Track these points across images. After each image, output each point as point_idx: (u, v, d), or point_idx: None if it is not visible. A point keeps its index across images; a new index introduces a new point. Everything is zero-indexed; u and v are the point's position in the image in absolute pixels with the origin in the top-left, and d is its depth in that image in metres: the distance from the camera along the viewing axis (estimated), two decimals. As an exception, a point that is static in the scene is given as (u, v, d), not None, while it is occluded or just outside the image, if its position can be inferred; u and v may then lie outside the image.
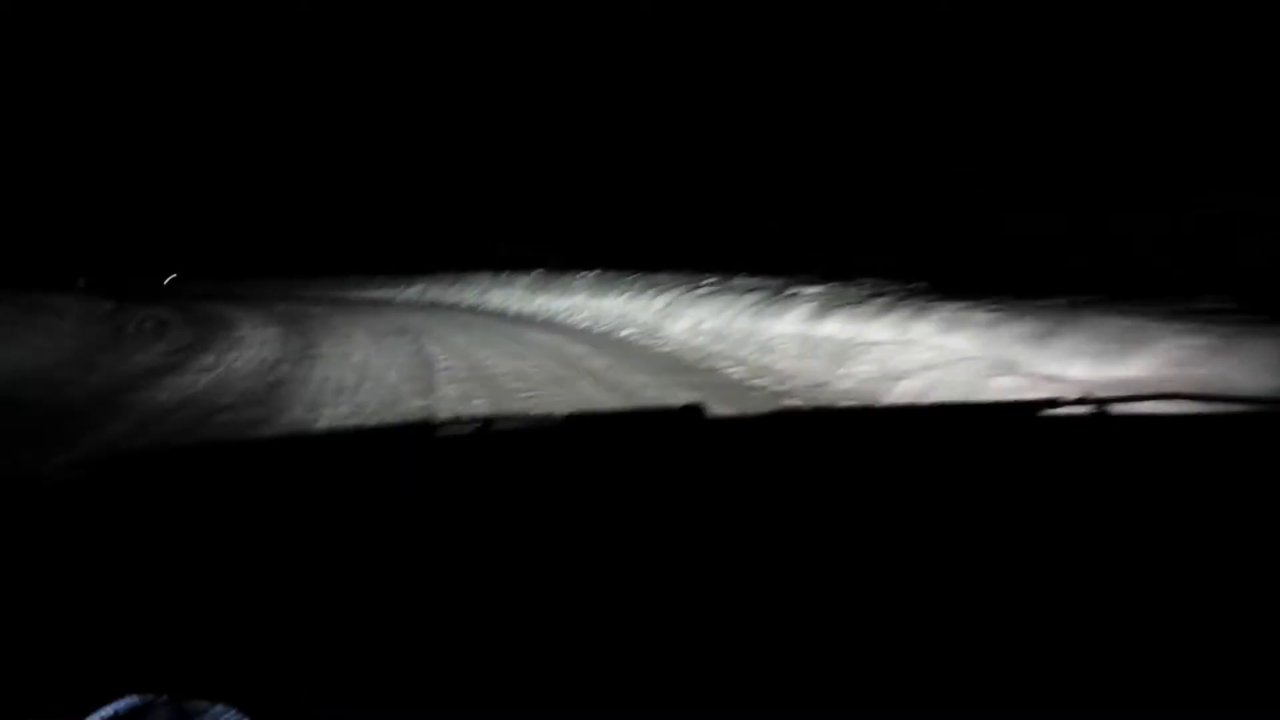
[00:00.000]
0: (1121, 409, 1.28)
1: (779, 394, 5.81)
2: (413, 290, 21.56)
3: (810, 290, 8.08)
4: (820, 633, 0.68)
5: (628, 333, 10.26)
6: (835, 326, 6.86)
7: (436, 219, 27.18)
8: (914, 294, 6.83)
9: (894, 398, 5.22)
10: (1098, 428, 1.26)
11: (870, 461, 1.14)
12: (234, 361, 8.27)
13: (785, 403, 5.42)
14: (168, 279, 33.05)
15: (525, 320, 13.07)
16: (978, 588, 0.74)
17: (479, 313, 15.18)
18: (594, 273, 14.87)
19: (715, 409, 1.40)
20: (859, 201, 14.45)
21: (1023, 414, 1.35)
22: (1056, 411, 1.28)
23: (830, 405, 4.93)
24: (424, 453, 1.28)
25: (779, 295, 8.37)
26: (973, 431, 1.29)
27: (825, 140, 15.42)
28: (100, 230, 34.42)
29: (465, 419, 1.41)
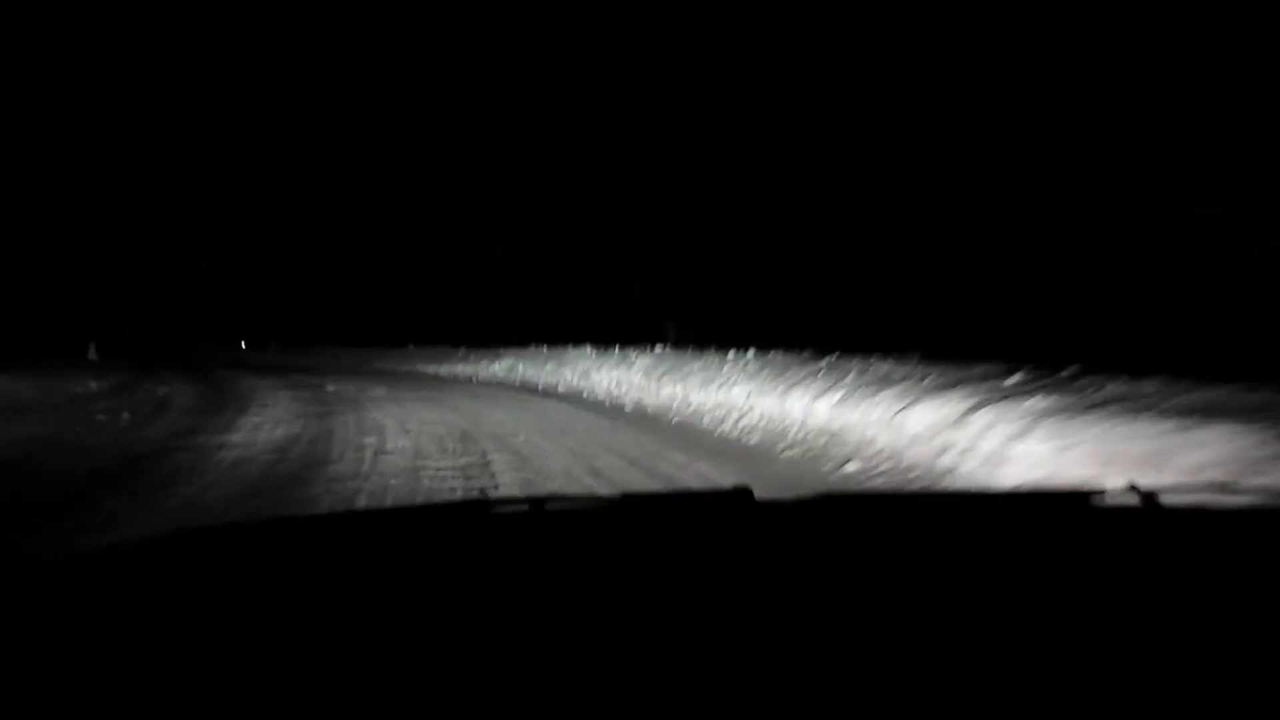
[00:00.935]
0: (1172, 500, 1.31)
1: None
2: (499, 366, 17.76)
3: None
4: None
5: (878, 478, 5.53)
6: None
7: (526, 282, 25.81)
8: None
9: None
10: (1148, 519, 1.29)
11: (918, 550, 1.15)
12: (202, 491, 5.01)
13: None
14: (243, 344, 32.94)
15: (660, 427, 8.17)
16: (1029, 685, 0.74)
17: (584, 405, 10.56)
18: (751, 354, 10.72)
19: (763, 492, 1.38)
20: (858, 201, 14.51)
21: (1073, 504, 1.37)
22: (1106, 502, 1.30)
23: (883, 490, 5.04)
24: (480, 531, 1.32)
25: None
26: (1021, 520, 1.32)
27: (826, 140, 15.37)
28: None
29: (519, 498, 1.46)
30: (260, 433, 7.49)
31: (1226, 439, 3.95)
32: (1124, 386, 5.32)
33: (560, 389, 13.29)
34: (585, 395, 11.91)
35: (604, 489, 5.01)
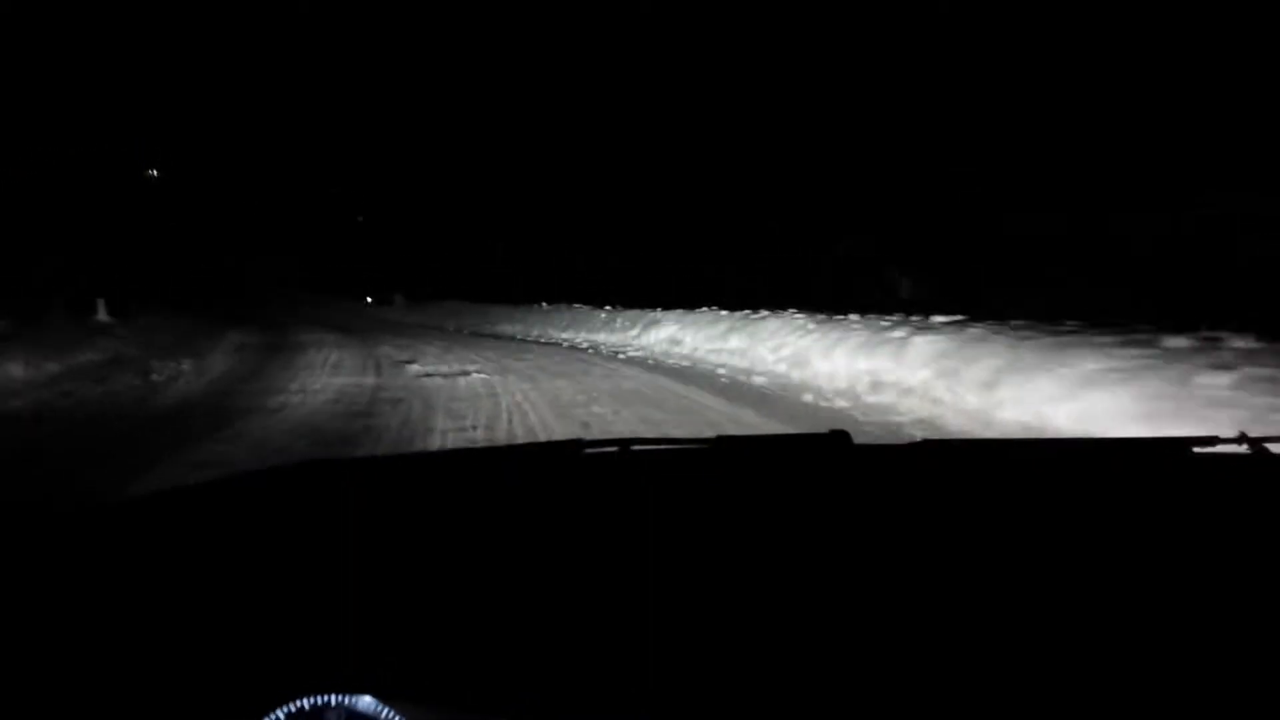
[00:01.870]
0: None
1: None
2: (656, 336, 14.07)
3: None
4: (967, 666, 0.67)
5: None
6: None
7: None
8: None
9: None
10: (1255, 467, 1.22)
11: (1021, 496, 1.11)
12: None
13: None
14: (368, 299, 32.14)
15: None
16: (1125, 628, 0.73)
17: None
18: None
19: (860, 438, 1.32)
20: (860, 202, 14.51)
21: (1176, 450, 1.28)
22: (1212, 449, 1.23)
23: (979, 436, 4.81)
24: (574, 469, 1.29)
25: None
26: (1123, 466, 1.25)
27: (825, 140, 15.07)
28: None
29: (610, 439, 1.36)
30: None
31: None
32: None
33: (781, 384, 8.27)
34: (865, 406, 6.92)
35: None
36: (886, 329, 8.28)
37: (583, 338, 14.90)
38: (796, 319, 10.56)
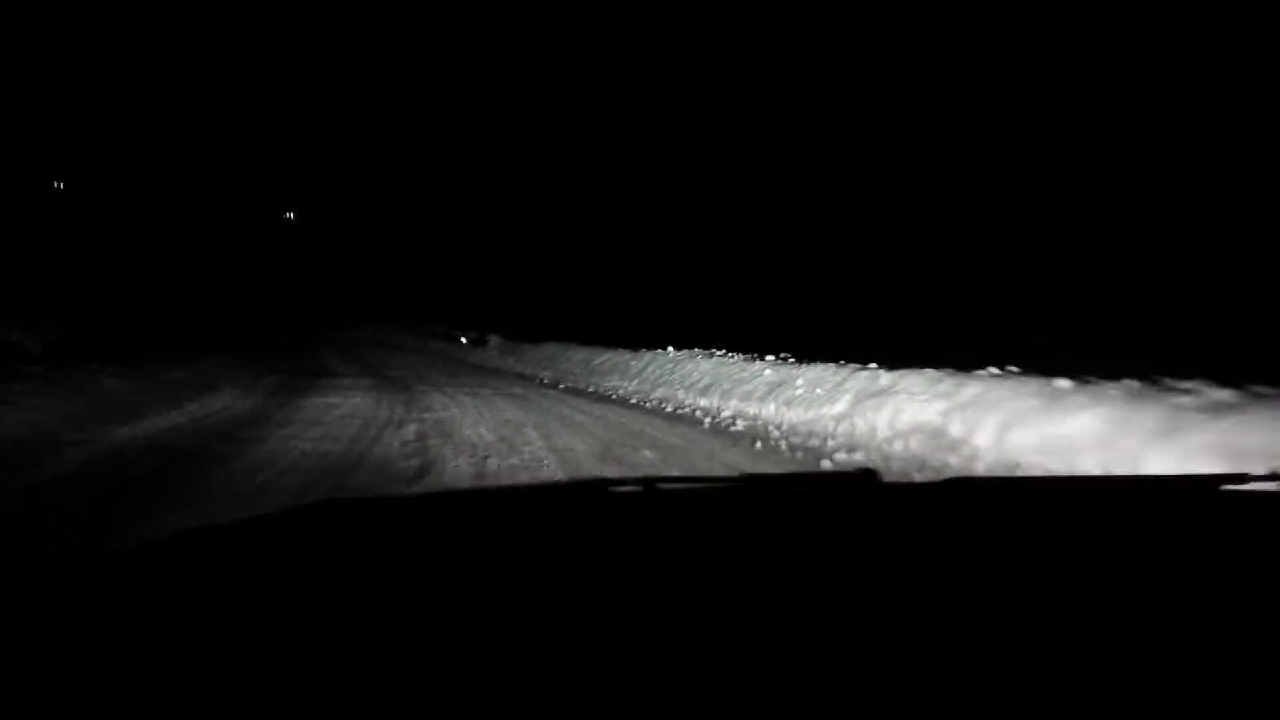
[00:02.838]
0: None
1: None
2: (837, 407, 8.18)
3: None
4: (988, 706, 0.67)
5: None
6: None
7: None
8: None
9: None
10: None
11: (1048, 534, 1.09)
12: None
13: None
14: (463, 340, 25.63)
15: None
16: (1151, 673, 0.72)
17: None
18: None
19: (889, 476, 1.34)
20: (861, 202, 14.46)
21: (1205, 487, 1.28)
22: (1241, 487, 1.22)
23: (1007, 475, 4.68)
24: (597, 510, 1.27)
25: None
26: (1152, 504, 1.23)
27: (825, 140, 15.25)
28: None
29: (632, 479, 1.36)
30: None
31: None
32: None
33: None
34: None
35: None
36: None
37: (733, 408, 9.54)
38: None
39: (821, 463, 6.16)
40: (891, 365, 7.92)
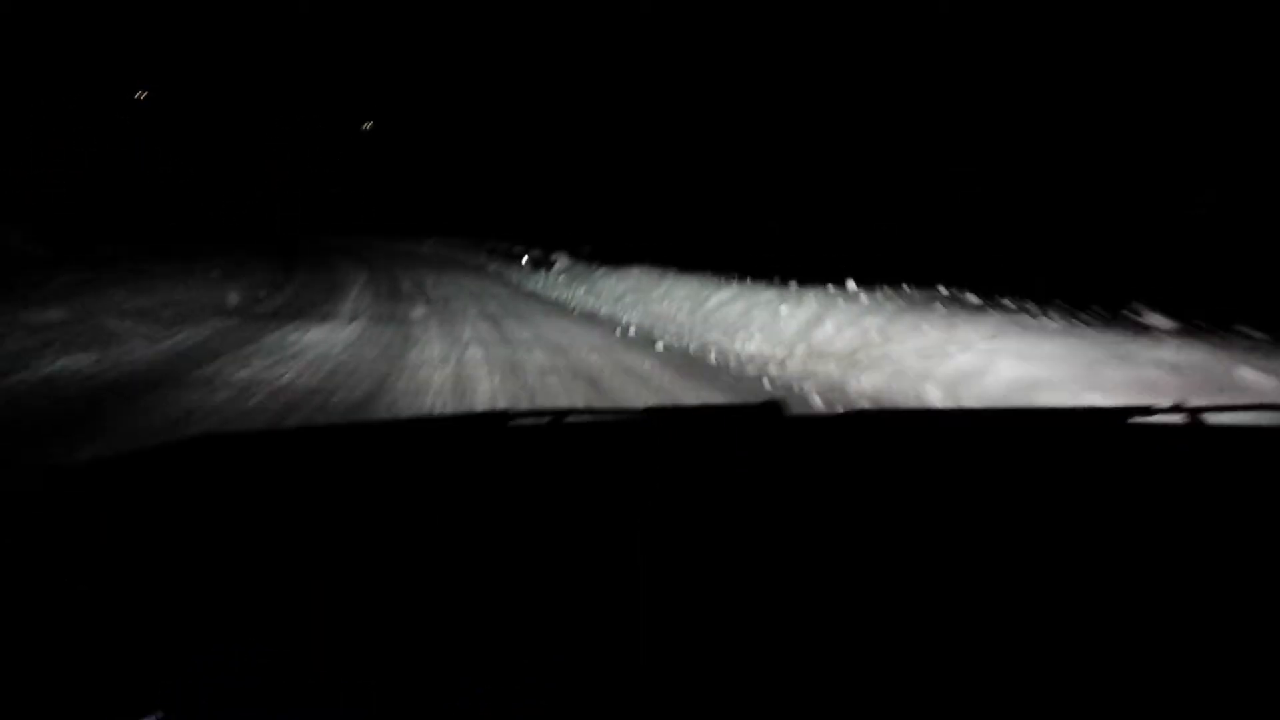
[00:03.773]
0: (1217, 419, 1.23)
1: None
2: None
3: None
4: (889, 641, 0.66)
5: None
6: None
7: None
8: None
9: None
10: (1191, 437, 1.21)
11: (953, 465, 1.09)
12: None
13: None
14: (524, 260, 23.50)
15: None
16: (1058, 599, 0.71)
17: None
18: None
19: (794, 408, 1.32)
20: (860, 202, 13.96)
21: (1112, 419, 1.29)
22: (1148, 419, 1.24)
23: (909, 407, 4.73)
24: (496, 444, 1.23)
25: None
26: (1061, 436, 1.24)
27: (825, 140, 14.87)
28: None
29: (541, 410, 1.35)
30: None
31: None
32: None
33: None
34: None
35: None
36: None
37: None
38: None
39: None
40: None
